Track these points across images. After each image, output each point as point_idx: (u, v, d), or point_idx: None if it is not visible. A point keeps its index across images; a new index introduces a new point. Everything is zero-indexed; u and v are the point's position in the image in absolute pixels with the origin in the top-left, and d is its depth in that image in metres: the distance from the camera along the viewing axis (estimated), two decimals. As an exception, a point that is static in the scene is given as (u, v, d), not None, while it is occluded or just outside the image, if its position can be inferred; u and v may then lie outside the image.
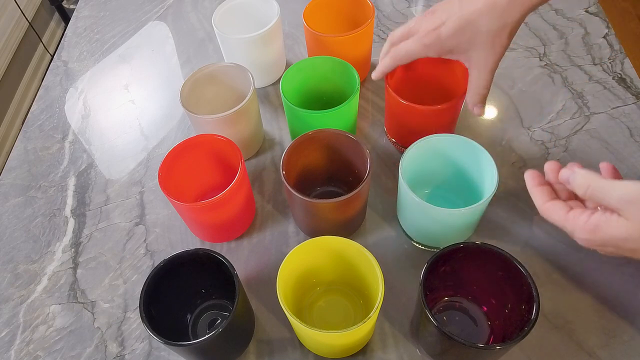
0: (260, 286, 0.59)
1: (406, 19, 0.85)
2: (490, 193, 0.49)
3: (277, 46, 0.75)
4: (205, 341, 0.45)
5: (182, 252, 0.50)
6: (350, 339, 0.47)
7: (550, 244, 0.58)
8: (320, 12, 0.72)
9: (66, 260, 0.64)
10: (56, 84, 0.86)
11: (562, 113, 0.69)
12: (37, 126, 0.80)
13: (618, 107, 0.69)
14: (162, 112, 0.79)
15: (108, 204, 0.69)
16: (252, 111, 0.65)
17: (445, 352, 0.49)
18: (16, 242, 0.67)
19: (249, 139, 0.67)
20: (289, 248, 0.49)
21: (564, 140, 0.67)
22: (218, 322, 0.56)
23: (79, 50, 0.91)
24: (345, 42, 0.68)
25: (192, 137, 0.59)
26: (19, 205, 0.70)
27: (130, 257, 0.63)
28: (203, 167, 0.62)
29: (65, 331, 0.58)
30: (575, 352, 0.51)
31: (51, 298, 0.61)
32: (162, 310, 0.49)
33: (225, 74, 0.67)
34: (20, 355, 0.57)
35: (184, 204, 0.54)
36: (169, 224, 0.65)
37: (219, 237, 0.63)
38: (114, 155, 0.74)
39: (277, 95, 0.78)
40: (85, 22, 0.96)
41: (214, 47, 0.86)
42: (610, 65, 0.74)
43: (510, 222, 0.60)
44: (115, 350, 0.56)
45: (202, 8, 0.94)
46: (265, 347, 0.55)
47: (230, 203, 0.56)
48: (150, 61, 0.87)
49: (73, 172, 0.73)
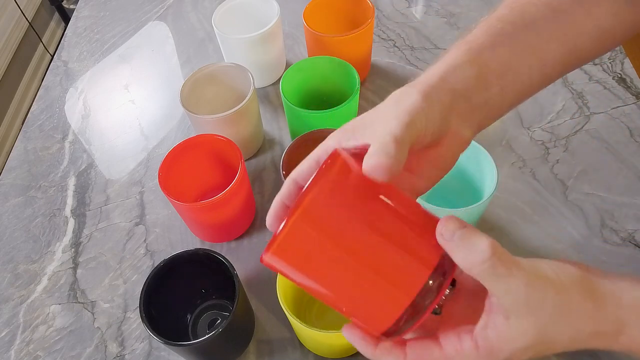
0: (260, 286, 0.59)
1: (406, 19, 0.85)
2: (490, 193, 0.49)
3: (277, 46, 0.75)
4: (205, 341, 0.45)
5: (182, 252, 0.50)
6: (350, 339, 0.47)
7: (550, 244, 0.58)
8: (320, 12, 0.72)
9: (66, 260, 0.64)
10: (56, 84, 0.86)
11: (562, 113, 0.69)
12: (37, 126, 0.80)
13: (618, 107, 0.69)
14: (162, 112, 0.79)
15: (108, 204, 0.69)
16: (252, 111, 0.65)
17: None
18: (16, 242, 0.67)
19: (249, 139, 0.67)
20: (289, 248, 0.49)
21: (564, 140, 0.67)
22: (218, 322, 0.56)
23: (79, 50, 0.91)
24: (345, 42, 0.68)
25: (192, 137, 0.59)
26: (19, 205, 0.70)
27: (130, 257, 0.63)
28: (203, 167, 0.62)
29: (65, 331, 0.58)
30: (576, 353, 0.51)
31: (51, 298, 0.61)
32: (162, 310, 0.49)
33: (225, 74, 0.67)
34: (20, 355, 0.57)
35: (184, 204, 0.54)
36: (169, 224, 0.65)
37: (219, 237, 0.62)
38: (114, 155, 0.74)
39: (277, 95, 0.78)
40: (85, 22, 0.96)
41: (214, 47, 0.86)
42: (610, 65, 0.74)
43: (510, 222, 0.60)
44: (115, 350, 0.56)
45: (202, 8, 0.94)
46: (265, 347, 0.55)
47: (230, 203, 0.56)
48: (150, 61, 0.87)
49: (73, 172, 0.73)
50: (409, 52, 0.80)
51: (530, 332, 0.27)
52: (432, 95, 0.31)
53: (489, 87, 0.34)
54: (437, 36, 0.82)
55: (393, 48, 0.81)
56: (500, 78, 0.34)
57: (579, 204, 0.61)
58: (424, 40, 0.81)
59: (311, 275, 0.28)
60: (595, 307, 0.28)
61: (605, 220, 0.59)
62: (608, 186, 0.62)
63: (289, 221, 0.26)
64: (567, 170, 0.64)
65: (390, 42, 0.82)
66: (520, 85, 0.35)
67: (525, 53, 0.35)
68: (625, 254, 0.57)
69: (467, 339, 0.29)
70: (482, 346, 0.28)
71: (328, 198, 0.27)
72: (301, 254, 0.27)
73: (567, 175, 0.64)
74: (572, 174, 0.64)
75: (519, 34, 0.35)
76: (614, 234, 0.58)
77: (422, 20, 0.84)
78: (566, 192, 0.62)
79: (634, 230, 0.58)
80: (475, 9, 0.85)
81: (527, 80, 0.35)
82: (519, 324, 0.27)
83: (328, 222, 0.27)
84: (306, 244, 0.27)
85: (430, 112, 0.31)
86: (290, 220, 0.26)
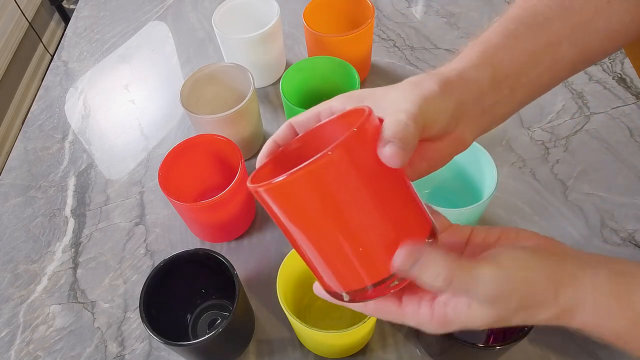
0: (260, 286, 0.59)
1: (406, 19, 0.85)
2: (490, 193, 0.49)
3: (277, 46, 0.75)
4: (205, 341, 0.45)
5: (182, 252, 0.50)
6: (350, 339, 0.47)
7: (550, 244, 0.58)
8: (320, 12, 0.72)
9: (66, 260, 0.64)
10: (56, 84, 0.86)
11: (562, 113, 0.69)
12: (37, 126, 0.80)
13: (618, 107, 0.69)
14: (162, 112, 0.79)
15: (108, 204, 0.69)
16: (252, 111, 0.65)
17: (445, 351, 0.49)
18: (16, 242, 0.67)
19: (249, 139, 0.67)
20: (289, 248, 0.49)
21: (564, 140, 0.67)
22: (218, 322, 0.56)
23: (79, 50, 0.91)
24: (345, 42, 0.68)
25: (192, 137, 0.59)
26: (19, 205, 0.70)
27: (130, 257, 0.63)
28: (203, 167, 0.62)
29: (65, 331, 0.58)
30: (576, 353, 0.51)
31: (51, 298, 0.61)
32: (162, 310, 0.49)
33: (225, 74, 0.67)
34: (20, 355, 0.57)
35: (184, 204, 0.54)
36: (169, 224, 0.65)
37: (219, 237, 0.62)
38: (114, 155, 0.74)
39: (277, 95, 0.78)
40: (85, 22, 0.96)
41: (214, 47, 0.86)
42: (610, 65, 0.74)
43: (510, 222, 0.60)
44: (115, 350, 0.56)
45: (202, 8, 0.94)
46: (265, 347, 0.55)
47: (230, 203, 0.56)
48: (150, 61, 0.87)
49: (73, 172, 0.73)
50: (409, 52, 0.80)
51: (489, 318, 0.28)
52: (448, 89, 0.31)
53: (501, 89, 0.34)
54: (437, 36, 0.82)
55: (393, 48, 0.81)
56: (512, 79, 0.34)
57: (579, 204, 0.61)
58: (424, 40, 0.81)
59: (315, 221, 0.28)
60: (555, 294, 0.28)
61: (605, 220, 0.59)
62: (608, 186, 0.62)
63: (315, 162, 0.25)
64: (567, 170, 0.64)
65: (390, 42, 0.82)
66: (529, 86, 0.35)
67: (537, 54, 0.35)
68: (625, 254, 0.57)
69: (426, 306, 0.30)
70: (437, 316, 0.29)
71: (351, 154, 0.26)
72: (306, 200, 0.27)
73: (567, 175, 0.64)
74: (572, 174, 0.64)
75: (532, 35, 0.35)
76: (614, 234, 0.58)
77: (422, 20, 0.84)
78: (566, 192, 0.62)
79: (634, 230, 0.58)
80: (475, 9, 0.85)
81: (537, 81, 0.35)
82: (480, 312, 0.28)
83: (345, 176, 0.26)
84: (316, 192, 0.26)
85: (444, 106, 0.31)
86: (315, 163, 0.25)
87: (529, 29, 0.35)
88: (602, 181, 0.62)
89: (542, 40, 0.35)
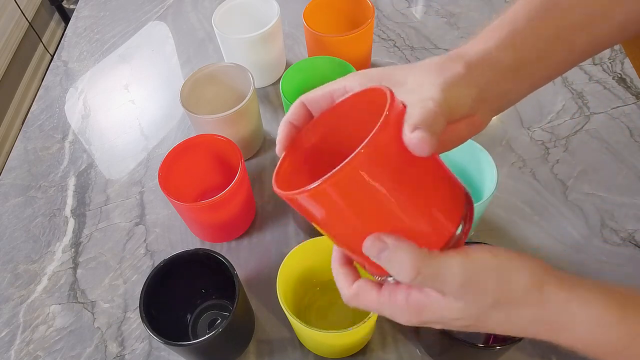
0: (260, 286, 0.59)
1: (406, 19, 0.85)
2: (490, 193, 0.49)
3: (277, 46, 0.75)
4: (205, 341, 0.45)
5: (182, 252, 0.50)
6: (350, 339, 0.47)
7: (550, 244, 0.58)
8: (320, 12, 0.72)
9: (66, 260, 0.64)
10: (56, 84, 0.86)
11: (562, 113, 0.69)
12: (37, 126, 0.80)
13: (618, 107, 0.69)
14: (162, 112, 0.79)
15: (108, 204, 0.69)
16: (252, 111, 0.65)
17: (445, 352, 0.49)
18: (16, 242, 0.67)
19: (249, 139, 0.67)
20: (289, 248, 0.49)
21: (564, 140, 0.67)
22: (218, 322, 0.56)
23: (79, 50, 0.91)
24: (345, 42, 0.68)
25: (192, 137, 0.59)
26: (19, 205, 0.70)
27: (130, 257, 0.63)
28: (203, 167, 0.62)
29: (65, 331, 0.58)
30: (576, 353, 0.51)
31: (51, 298, 0.61)
32: (162, 310, 0.49)
33: (225, 74, 0.67)
34: (20, 355, 0.57)
35: (184, 204, 0.54)
36: (169, 224, 0.65)
37: (219, 237, 0.62)
38: (114, 155, 0.74)
39: (277, 95, 0.78)
40: (85, 22, 0.96)
41: (214, 47, 0.86)
42: (610, 65, 0.74)
43: (510, 222, 0.60)
44: (115, 350, 0.56)
45: (202, 8, 0.94)
46: (265, 347, 0.55)
47: (230, 203, 0.56)
48: (150, 61, 0.87)
49: (73, 172, 0.73)
50: (409, 52, 0.80)
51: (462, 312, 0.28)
52: (473, 73, 0.31)
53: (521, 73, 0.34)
54: (437, 36, 0.82)
55: (393, 48, 0.81)
56: (533, 64, 0.34)
57: (579, 204, 0.61)
58: (424, 40, 0.81)
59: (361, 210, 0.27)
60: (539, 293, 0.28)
61: (605, 220, 0.59)
62: (608, 186, 0.62)
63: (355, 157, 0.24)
64: (567, 170, 0.64)
65: (390, 42, 0.82)
66: (545, 71, 0.35)
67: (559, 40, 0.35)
68: (625, 254, 0.57)
69: (402, 292, 0.30)
70: (412, 303, 0.29)
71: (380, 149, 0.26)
72: (354, 192, 0.26)
73: (567, 175, 0.64)
74: (572, 174, 0.64)
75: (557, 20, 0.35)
76: (614, 234, 0.58)
77: (422, 20, 0.84)
78: (566, 192, 0.62)
79: (634, 230, 0.58)
80: (475, 9, 0.85)
81: (554, 66, 0.36)
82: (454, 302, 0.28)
83: (387, 164, 0.26)
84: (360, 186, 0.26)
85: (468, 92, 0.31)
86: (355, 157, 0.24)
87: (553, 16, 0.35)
88: (602, 181, 0.62)
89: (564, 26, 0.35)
